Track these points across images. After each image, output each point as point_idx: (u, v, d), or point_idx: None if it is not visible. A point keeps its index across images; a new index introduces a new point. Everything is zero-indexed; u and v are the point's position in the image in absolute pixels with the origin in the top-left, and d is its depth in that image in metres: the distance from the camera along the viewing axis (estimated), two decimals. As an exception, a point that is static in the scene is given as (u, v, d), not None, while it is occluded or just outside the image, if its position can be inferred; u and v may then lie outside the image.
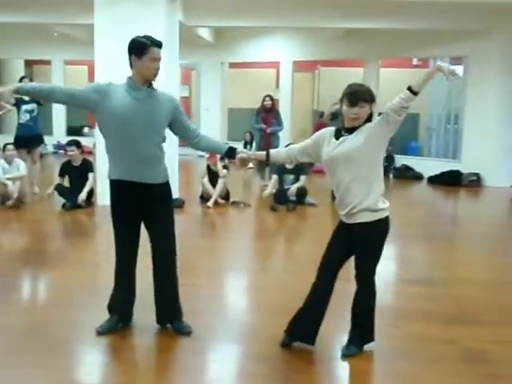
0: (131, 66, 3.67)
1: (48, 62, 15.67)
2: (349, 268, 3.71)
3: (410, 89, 3.35)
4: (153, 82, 3.69)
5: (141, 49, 3.59)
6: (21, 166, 8.31)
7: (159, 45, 3.65)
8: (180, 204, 8.27)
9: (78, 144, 8.30)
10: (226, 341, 3.93)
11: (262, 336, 3.97)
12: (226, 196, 8.70)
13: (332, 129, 3.63)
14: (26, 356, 3.61)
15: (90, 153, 14.17)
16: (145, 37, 3.64)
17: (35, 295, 5.11)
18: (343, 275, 3.74)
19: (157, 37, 3.66)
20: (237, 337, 3.98)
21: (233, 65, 15.80)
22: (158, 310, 3.99)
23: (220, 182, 8.54)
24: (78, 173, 8.23)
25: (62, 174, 8.30)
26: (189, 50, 11.99)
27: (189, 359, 3.62)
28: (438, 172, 11.81)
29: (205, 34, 13.29)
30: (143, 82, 3.65)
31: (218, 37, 14.60)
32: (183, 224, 7.74)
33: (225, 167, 8.76)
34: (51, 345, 3.75)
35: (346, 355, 3.64)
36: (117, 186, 3.77)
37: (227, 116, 15.93)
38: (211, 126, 14.98)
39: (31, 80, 9.42)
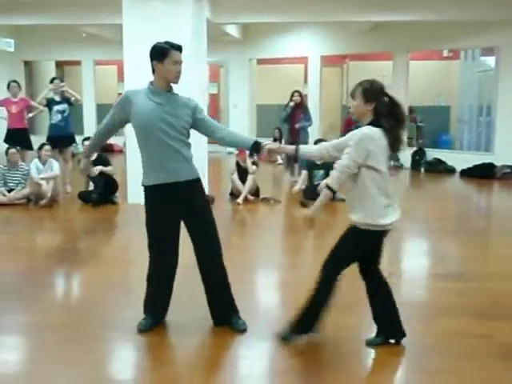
0: (153, 71, 3.75)
1: (78, 63, 15.87)
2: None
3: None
4: (175, 84, 3.72)
5: (162, 53, 3.68)
6: (54, 166, 8.45)
7: (179, 48, 3.73)
8: (210, 201, 8.29)
9: None
10: (258, 337, 3.93)
11: (293, 332, 3.96)
12: (255, 192, 8.71)
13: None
14: (61, 352, 3.67)
15: (121, 151, 14.41)
16: (165, 42, 3.73)
17: (69, 293, 5.19)
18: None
19: (184, 35, 3.75)
20: (268, 333, 3.98)
21: (261, 61, 15.78)
22: (217, 309, 4.00)
23: (249, 178, 8.55)
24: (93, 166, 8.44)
25: None
26: (217, 47, 12.01)
27: (221, 355, 3.64)
28: (470, 165, 11.63)
29: (232, 30, 13.30)
30: (166, 86, 3.74)
31: (245, 33, 14.60)
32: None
33: (254, 163, 8.77)
34: (85, 342, 3.81)
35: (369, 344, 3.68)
36: (153, 191, 3.81)
37: (256, 112, 15.93)
38: (240, 122, 15.00)
39: (62, 81, 9.54)
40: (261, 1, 10.32)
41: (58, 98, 9.22)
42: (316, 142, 8.91)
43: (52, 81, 9.44)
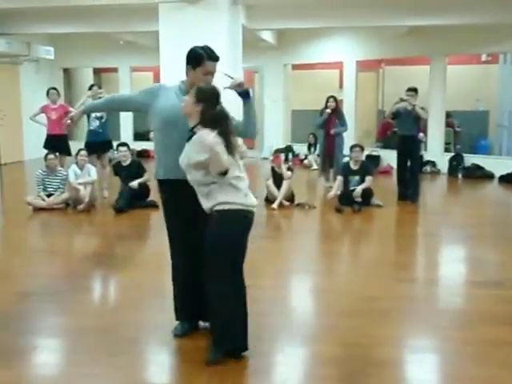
0: (186, 74, 3.76)
1: (115, 70, 16.10)
2: (411, 270, 3.64)
3: None
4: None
5: (196, 60, 3.67)
6: (92, 172, 8.58)
7: (216, 58, 3.70)
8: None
9: (128, 145, 9.01)
10: (293, 343, 3.92)
11: (328, 338, 3.94)
12: (290, 198, 8.69)
13: None
14: (97, 355, 3.72)
15: (157, 157, 14.49)
16: (203, 48, 3.70)
17: (106, 296, 5.26)
18: (405, 276, 3.66)
19: (220, 41, 3.75)
20: (303, 339, 3.96)
21: (296, 66, 15.77)
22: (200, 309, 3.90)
23: (284, 183, 8.54)
24: (127, 172, 8.63)
25: (116, 174, 8.86)
26: (252, 53, 12.05)
27: (255, 361, 3.62)
28: (509, 171, 11.40)
29: (267, 36, 13.33)
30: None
31: (280, 39, 14.61)
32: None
33: (289, 169, 8.76)
34: (121, 345, 3.85)
35: None
36: (166, 185, 3.83)
37: (290, 118, 15.91)
38: (275, 128, 15.01)
39: (100, 87, 9.69)
40: (296, 6, 10.32)
41: (95, 105, 9.36)
42: (351, 148, 8.89)
43: (90, 87, 9.60)
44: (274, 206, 8.39)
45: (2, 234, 7.57)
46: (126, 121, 15.67)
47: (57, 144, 9.17)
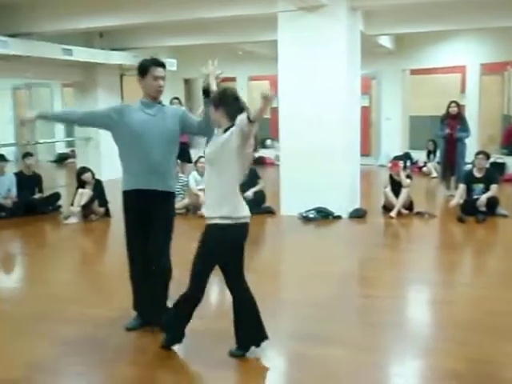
0: (141, 86, 4.01)
1: (233, 79, 16.50)
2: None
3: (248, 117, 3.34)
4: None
5: (142, 69, 3.94)
6: (211, 178, 8.82)
7: (161, 65, 3.97)
8: (362, 214, 8.23)
9: None
10: (410, 355, 3.82)
11: (448, 352, 3.79)
12: (409, 206, 8.46)
13: None
14: (213, 358, 3.76)
15: (272, 164, 14.74)
16: (149, 59, 4.01)
17: (224, 299, 5.37)
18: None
19: (339, 48, 3.74)
20: (421, 351, 3.85)
21: (414, 71, 15.37)
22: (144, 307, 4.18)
23: (403, 191, 8.33)
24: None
25: None
26: (368, 59, 11.87)
27: (371, 373, 3.56)
28: None
29: (385, 41, 13.11)
30: (152, 99, 3.98)
31: (398, 44, 14.31)
32: (365, 234, 7.70)
33: (408, 177, 8.53)
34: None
35: None
36: (130, 196, 4.03)
37: (408, 124, 15.53)
38: (392, 134, 14.72)
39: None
40: (415, 10, 10.06)
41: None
42: (476, 155, 8.51)
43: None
44: (392, 214, 8.21)
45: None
46: (244, 128, 15.98)
47: (179, 151, 9.52)
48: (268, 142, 16.29)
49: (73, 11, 9.33)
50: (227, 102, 3.58)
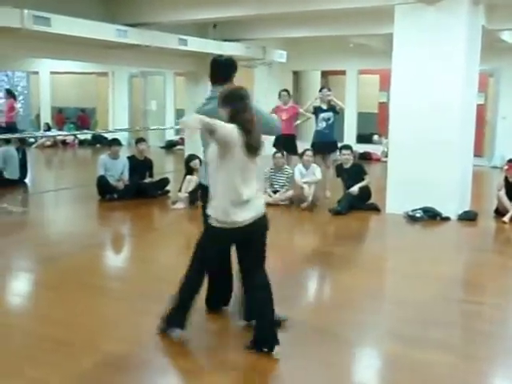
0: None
1: (343, 72, 16.30)
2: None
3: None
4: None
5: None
6: (317, 171, 8.79)
7: None
8: (472, 217, 7.88)
9: (351, 148, 9.02)
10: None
11: None
12: (524, 212, 7.99)
13: None
14: (310, 353, 3.76)
15: (378, 160, 14.47)
16: None
17: (321, 295, 5.34)
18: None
19: (458, 44, 3.53)
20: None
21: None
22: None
23: (520, 196, 7.88)
24: (348, 175, 8.63)
25: (337, 176, 8.93)
26: (487, 54, 11.32)
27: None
28: None
29: (507, 37, 12.43)
30: None
31: (521, 39, 13.54)
32: (474, 238, 7.38)
33: (525, 180, 8.06)
34: (336, 344, 3.88)
35: None
36: None
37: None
38: (508, 135, 13.99)
39: (329, 90, 9.84)
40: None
41: (324, 107, 9.59)
42: None
43: (321, 90, 9.87)
44: (505, 219, 7.78)
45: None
46: (350, 123, 15.80)
47: (285, 143, 9.54)
48: (375, 137, 16.00)
49: (190, 2, 9.57)
50: (231, 102, 3.58)
